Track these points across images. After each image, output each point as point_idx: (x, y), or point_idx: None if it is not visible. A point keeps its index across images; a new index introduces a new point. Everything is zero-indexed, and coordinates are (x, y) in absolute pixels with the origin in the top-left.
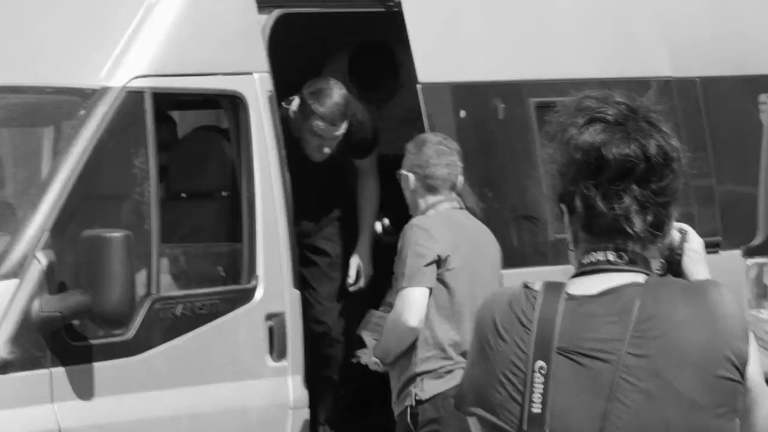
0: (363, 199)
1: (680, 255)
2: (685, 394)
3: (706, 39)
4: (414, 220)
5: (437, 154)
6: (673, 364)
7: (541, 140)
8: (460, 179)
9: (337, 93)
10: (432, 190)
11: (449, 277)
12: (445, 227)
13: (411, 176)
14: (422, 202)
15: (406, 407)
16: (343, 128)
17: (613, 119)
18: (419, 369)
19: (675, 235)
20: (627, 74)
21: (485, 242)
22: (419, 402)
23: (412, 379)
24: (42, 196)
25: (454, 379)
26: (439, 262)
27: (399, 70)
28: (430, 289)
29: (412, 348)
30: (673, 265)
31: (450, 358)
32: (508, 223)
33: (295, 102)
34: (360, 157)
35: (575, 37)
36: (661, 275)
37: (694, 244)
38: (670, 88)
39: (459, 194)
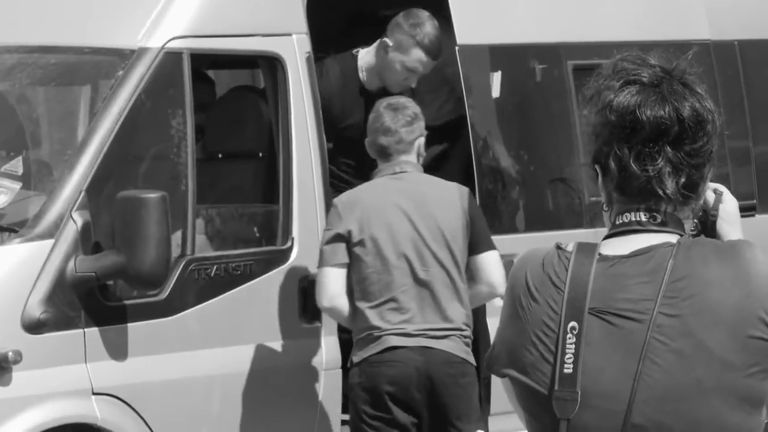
0: None
1: (715, 216)
2: (717, 354)
3: (745, 2)
4: (335, 198)
5: (380, 118)
6: (705, 324)
7: (578, 103)
8: (418, 141)
9: (435, 26)
10: (381, 156)
11: (359, 251)
12: (362, 200)
13: (366, 142)
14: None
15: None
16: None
17: (648, 81)
18: (355, 337)
19: (710, 196)
20: (665, 37)
21: (436, 206)
22: (352, 365)
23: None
24: (79, 156)
25: (381, 345)
26: (344, 238)
27: None
28: (346, 266)
29: None
30: (707, 226)
31: (377, 327)
32: (544, 186)
33: (362, 47)
34: None
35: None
36: (694, 236)
37: (728, 206)
38: (708, 50)
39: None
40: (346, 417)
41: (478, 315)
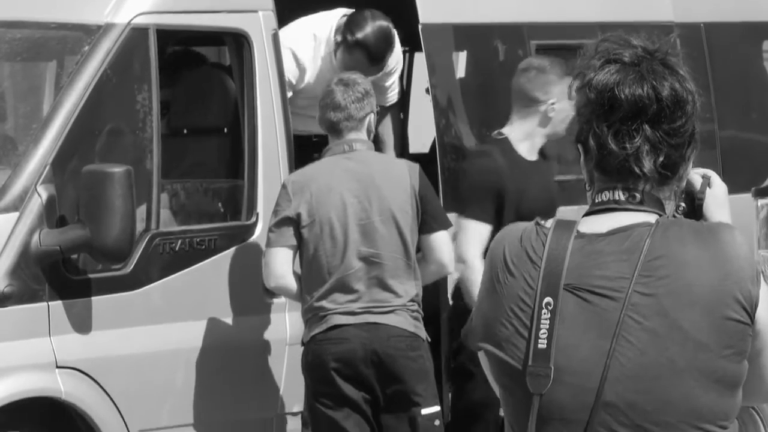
0: None
1: (701, 200)
2: (691, 334)
3: None
4: (286, 177)
5: (331, 94)
6: (680, 304)
7: None
8: (368, 118)
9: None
10: (331, 132)
11: (307, 234)
12: (311, 182)
13: (318, 118)
14: None
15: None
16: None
17: (628, 60)
18: (303, 318)
19: (696, 180)
20: (628, 18)
21: (385, 186)
22: (303, 344)
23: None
24: (44, 130)
25: (326, 324)
26: (292, 221)
27: None
28: (294, 247)
29: None
30: (695, 210)
31: (323, 308)
32: None
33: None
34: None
35: None
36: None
37: (717, 190)
38: (673, 32)
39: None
40: None
41: (439, 294)
